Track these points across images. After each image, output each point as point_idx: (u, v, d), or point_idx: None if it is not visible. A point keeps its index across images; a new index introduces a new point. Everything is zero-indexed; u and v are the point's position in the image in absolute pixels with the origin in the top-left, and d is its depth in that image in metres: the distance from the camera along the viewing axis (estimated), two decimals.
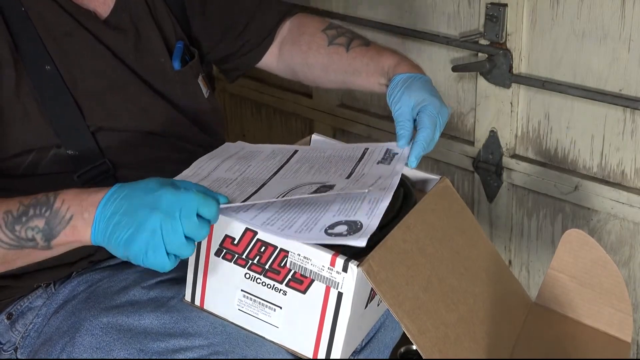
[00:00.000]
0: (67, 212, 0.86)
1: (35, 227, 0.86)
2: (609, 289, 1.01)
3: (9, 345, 1.09)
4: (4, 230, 0.87)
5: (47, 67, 1.03)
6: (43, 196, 0.87)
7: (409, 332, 0.82)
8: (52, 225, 0.86)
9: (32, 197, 0.88)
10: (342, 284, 0.84)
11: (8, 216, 0.87)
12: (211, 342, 0.97)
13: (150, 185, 0.84)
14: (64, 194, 0.87)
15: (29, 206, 0.87)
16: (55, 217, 0.86)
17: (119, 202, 0.83)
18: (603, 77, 1.40)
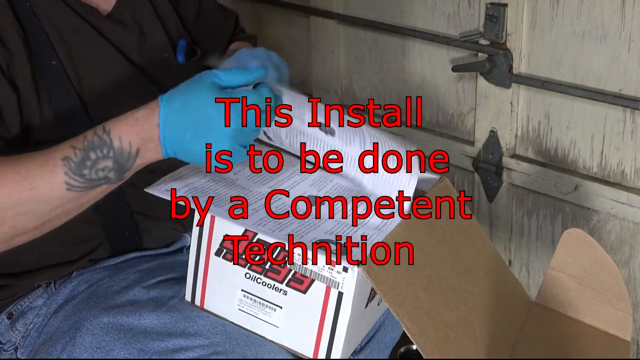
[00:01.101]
0: (131, 147, 0.87)
1: (105, 168, 0.87)
2: (609, 288, 1.01)
3: (9, 345, 1.10)
4: (72, 176, 0.86)
5: (53, 62, 1.03)
6: (94, 136, 0.88)
7: (409, 332, 0.82)
8: (122, 162, 0.88)
9: (80, 140, 0.88)
10: (342, 283, 0.84)
11: (70, 163, 0.87)
12: (211, 342, 0.97)
13: (201, 106, 0.86)
14: (117, 129, 0.87)
15: (87, 150, 0.87)
16: (121, 155, 0.87)
17: (181, 130, 0.86)
18: (603, 77, 1.40)
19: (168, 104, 0.87)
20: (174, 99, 0.87)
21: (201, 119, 0.86)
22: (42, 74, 1.01)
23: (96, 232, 1.10)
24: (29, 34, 1.01)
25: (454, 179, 1.71)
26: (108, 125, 0.88)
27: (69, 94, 1.04)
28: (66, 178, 0.86)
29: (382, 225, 0.93)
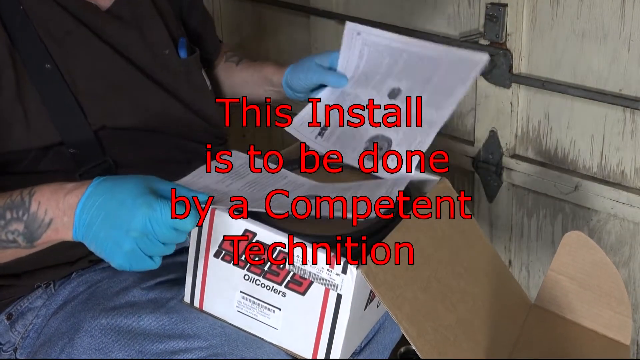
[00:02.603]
0: (46, 215, 0.85)
1: (15, 231, 0.86)
2: (609, 291, 1.01)
3: (8, 346, 1.09)
4: None
5: (47, 65, 1.03)
6: (17, 196, 0.86)
7: (407, 334, 0.82)
8: (32, 229, 0.86)
9: (6, 197, 0.87)
10: (341, 285, 0.84)
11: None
12: (210, 344, 0.97)
13: (124, 195, 0.82)
14: (39, 194, 0.86)
15: (5, 208, 0.86)
16: (34, 221, 0.85)
17: (95, 212, 0.83)
18: (603, 77, 1.40)
19: (97, 185, 0.84)
20: (105, 183, 0.84)
21: (116, 207, 0.82)
22: (34, 79, 1.01)
23: None
24: (18, 39, 1.00)
25: (454, 179, 1.71)
26: (36, 188, 0.86)
27: (64, 98, 1.04)
28: None
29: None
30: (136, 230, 0.81)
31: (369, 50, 1.16)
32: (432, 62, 1.11)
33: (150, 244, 0.82)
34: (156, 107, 1.14)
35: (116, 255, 0.82)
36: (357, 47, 1.17)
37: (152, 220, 0.81)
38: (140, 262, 0.83)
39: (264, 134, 2.13)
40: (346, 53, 1.18)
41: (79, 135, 1.05)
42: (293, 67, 1.25)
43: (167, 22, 1.20)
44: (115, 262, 0.83)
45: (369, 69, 1.16)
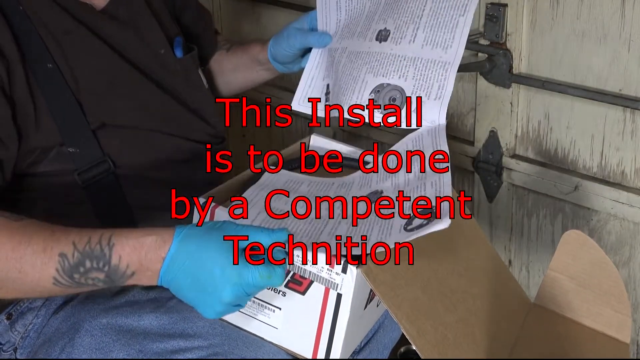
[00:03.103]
0: (128, 268, 0.85)
1: (96, 278, 0.86)
2: (608, 290, 1.01)
3: (8, 346, 1.09)
4: (62, 275, 0.86)
5: (48, 65, 1.03)
6: (96, 246, 0.85)
7: (408, 333, 0.82)
8: (114, 278, 0.86)
9: (84, 242, 0.86)
10: (341, 285, 0.84)
11: (64, 261, 0.85)
12: (210, 343, 0.97)
13: (212, 263, 0.83)
14: (119, 247, 0.85)
15: (85, 256, 0.85)
16: (115, 272, 0.86)
17: (182, 275, 0.84)
18: (603, 77, 1.40)
19: (181, 243, 0.84)
20: (188, 244, 0.84)
21: (205, 276, 0.83)
22: (38, 78, 1.01)
23: None
24: (22, 38, 1.01)
25: (454, 179, 1.71)
26: (115, 238, 0.86)
27: (65, 97, 1.04)
28: (56, 274, 0.85)
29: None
30: (228, 298, 0.83)
31: (346, 0, 1.13)
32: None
33: (242, 302, 0.86)
34: (154, 106, 1.14)
35: (206, 312, 0.86)
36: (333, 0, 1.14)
37: (244, 286, 0.83)
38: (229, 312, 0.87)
39: (264, 134, 2.13)
40: (323, 9, 1.14)
41: (78, 134, 1.05)
42: (274, 39, 1.24)
43: (162, 21, 1.20)
44: (205, 315, 0.86)
45: (351, 20, 1.12)
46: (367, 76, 1.05)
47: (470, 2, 1.02)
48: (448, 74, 1.00)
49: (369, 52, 1.07)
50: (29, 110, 1.01)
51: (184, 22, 1.31)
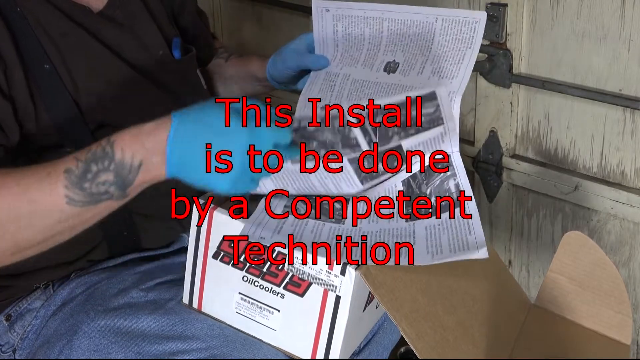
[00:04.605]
0: (134, 159, 0.82)
1: (106, 182, 0.83)
2: (609, 291, 1.01)
3: (7, 347, 1.09)
4: (73, 189, 0.82)
5: (46, 66, 1.02)
6: (98, 148, 0.83)
7: (407, 335, 0.82)
8: (123, 176, 0.82)
9: (84, 152, 0.84)
10: (340, 287, 0.84)
11: (70, 175, 0.82)
12: (209, 345, 0.97)
13: (214, 119, 0.81)
14: (119, 141, 0.82)
15: (89, 162, 0.82)
16: (122, 168, 0.82)
17: (188, 143, 0.81)
18: (603, 77, 1.40)
19: (180, 117, 0.82)
20: (188, 113, 0.83)
21: (211, 137, 0.81)
22: (36, 79, 1.01)
23: (94, 232, 1.09)
24: (20, 40, 1.00)
25: None
26: (113, 137, 0.83)
27: (63, 98, 1.03)
28: (66, 191, 0.82)
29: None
30: (240, 148, 0.81)
31: (342, 25, 1.11)
32: (423, 27, 1.06)
33: (255, 160, 0.82)
34: (153, 107, 1.13)
35: (220, 180, 0.81)
36: (329, 24, 1.12)
37: (254, 134, 0.81)
38: (244, 182, 0.82)
39: None
40: (319, 33, 1.13)
41: (76, 135, 1.05)
42: (272, 58, 1.23)
43: (160, 23, 1.20)
44: (219, 187, 0.81)
45: (350, 46, 1.12)
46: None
47: (476, 36, 1.03)
48: (453, 103, 1.01)
49: (376, 82, 1.08)
50: (30, 110, 1.01)
51: (182, 24, 1.30)
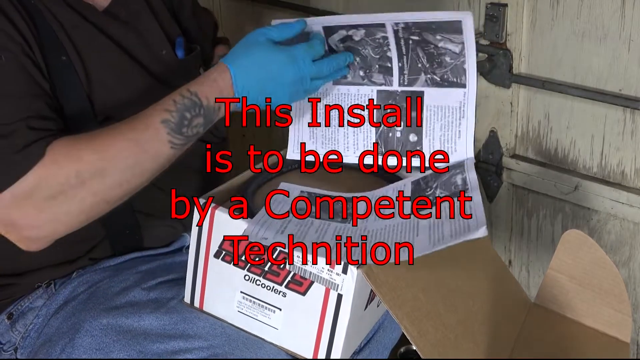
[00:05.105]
0: (215, 103, 0.99)
1: (198, 124, 0.98)
2: (608, 290, 1.01)
3: (9, 346, 1.10)
4: (174, 135, 0.96)
5: (63, 57, 1.03)
6: (184, 99, 0.97)
7: (408, 334, 0.82)
8: (210, 117, 0.99)
9: (172, 103, 0.97)
10: (341, 285, 0.84)
11: (169, 123, 0.96)
12: (211, 344, 0.97)
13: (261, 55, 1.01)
14: (202, 92, 0.98)
15: (182, 111, 0.97)
16: (209, 111, 0.99)
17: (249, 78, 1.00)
18: (603, 77, 1.40)
19: (235, 65, 1.00)
20: (239, 61, 1.00)
21: (266, 74, 1.00)
22: (56, 70, 1.01)
23: (96, 231, 1.10)
24: (39, 30, 1.01)
25: None
26: (192, 88, 0.98)
27: (77, 90, 1.04)
28: (169, 137, 0.95)
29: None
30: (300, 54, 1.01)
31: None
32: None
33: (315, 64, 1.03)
34: None
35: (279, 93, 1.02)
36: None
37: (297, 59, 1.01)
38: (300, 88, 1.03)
39: (264, 134, 2.13)
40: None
41: (85, 127, 1.05)
42: None
43: (162, 22, 1.20)
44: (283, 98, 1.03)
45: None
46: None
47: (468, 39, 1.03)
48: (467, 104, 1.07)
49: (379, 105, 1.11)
50: (52, 100, 1.01)
51: (182, 23, 1.30)
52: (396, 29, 1.04)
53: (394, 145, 1.09)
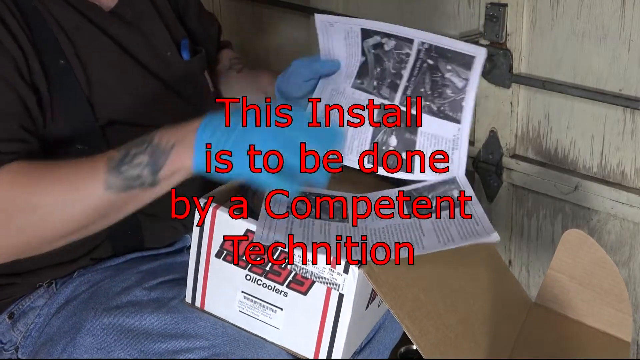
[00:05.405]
0: (168, 142, 0.87)
1: (141, 164, 0.87)
2: (609, 289, 1.01)
3: (10, 345, 1.10)
4: (111, 173, 0.87)
5: (61, 61, 1.03)
6: (139, 139, 0.89)
7: (410, 333, 0.82)
8: (157, 157, 0.87)
9: (127, 144, 0.89)
10: (343, 285, 0.84)
11: (111, 161, 0.88)
12: (212, 344, 0.97)
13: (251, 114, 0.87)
14: (161, 130, 0.89)
15: (129, 147, 0.88)
16: (157, 149, 0.87)
17: (221, 129, 0.86)
18: (603, 77, 1.40)
19: (210, 114, 0.88)
20: (218, 113, 0.88)
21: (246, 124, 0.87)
22: (51, 74, 1.01)
23: None
24: (37, 34, 1.01)
25: None
26: (156, 130, 0.90)
27: (76, 93, 1.04)
28: (105, 176, 0.87)
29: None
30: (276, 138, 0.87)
31: (347, 40, 1.11)
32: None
33: (292, 150, 0.86)
34: (161, 106, 1.14)
35: (246, 169, 0.85)
36: (335, 39, 1.12)
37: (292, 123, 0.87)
38: (284, 178, 0.85)
39: None
40: (325, 48, 1.13)
41: (87, 131, 1.05)
42: (283, 72, 1.20)
43: (168, 23, 1.20)
44: (258, 180, 0.85)
45: (356, 60, 1.12)
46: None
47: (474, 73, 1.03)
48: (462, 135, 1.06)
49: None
50: (47, 103, 1.01)
51: (188, 24, 1.30)
52: (420, 48, 1.04)
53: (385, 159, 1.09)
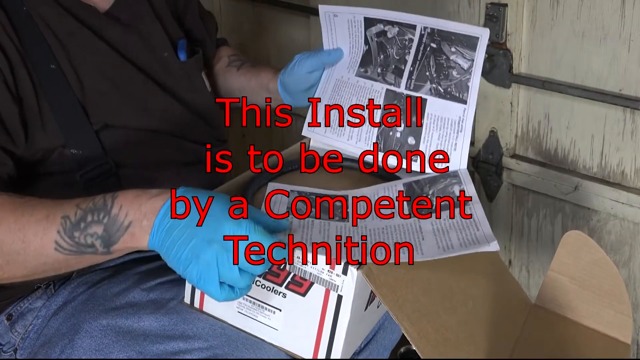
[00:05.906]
0: (126, 218, 0.83)
1: (94, 234, 0.84)
2: (609, 291, 1.01)
3: (8, 347, 1.10)
4: (63, 236, 0.85)
5: (52, 66, 1.03)
6: (100, 200, 0.85)
7: (408, 335, 0.82)
8: (111, 232, 0.84)
9: (89, 200, 0.86)
10: (341, 286, 0.84)
11: (66, 222, 0.85)
12: (210, 345, 0.97)
13: (213, 208, 0.81)
14: (122, 198, 0.84)
15: (87, 211, 0.85)
16: (113, 224, 0.84)
17: (178, 230, 0.81)
18: (603, 77, 1.40)
19: (180, 193, 0.83)
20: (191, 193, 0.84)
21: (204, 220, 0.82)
22: (41, 79, 1.01)
23: None
24: (25, 39, 1.00)
25: None
26: (120, 192, 0.85)
27: (68, 98, 1.04)
28: (57, 237, 0.85)
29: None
30: (219, 241, 0.79)
31: (351, 30, 1.13)
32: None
33: (227, 265, 0.80)
34: (157, 108, 1.14)
35: (189, 267, 0.80)
36: (339, 29, 1.14)
37: (243, 228, 0.80)
38: (210, 283, 0.80)
39: (264, 134, 2.13)
40: (329, 39, 1.16)
41: (81, 136, 1.05)
42: (284, 68, 1.22)
43: (165, 24, 1.20)
44: (186, 275, 0.81)
45: (359, 50, 1.14)
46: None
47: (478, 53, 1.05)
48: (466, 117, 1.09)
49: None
50: (35, 111, 1.01)
51: (186, 25, 1.30)
52: (423, 33, 1.05)
53: (392, 146, 1.09)
